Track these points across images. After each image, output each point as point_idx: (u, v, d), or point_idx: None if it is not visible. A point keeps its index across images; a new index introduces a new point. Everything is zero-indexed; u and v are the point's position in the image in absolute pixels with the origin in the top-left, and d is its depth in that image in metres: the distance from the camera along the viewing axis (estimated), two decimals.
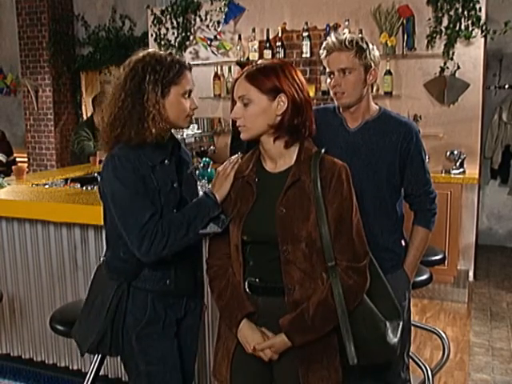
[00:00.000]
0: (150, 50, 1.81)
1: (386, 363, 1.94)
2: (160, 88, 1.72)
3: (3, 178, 3.44)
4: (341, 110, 2.10)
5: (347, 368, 1.72)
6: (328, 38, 2.05)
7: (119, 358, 1.96)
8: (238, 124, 1.63)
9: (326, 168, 1.59)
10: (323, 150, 1.64)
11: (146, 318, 1.82)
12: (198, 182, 3.06)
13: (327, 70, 2.04)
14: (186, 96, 1.78)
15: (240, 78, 1.62)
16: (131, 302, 1.82)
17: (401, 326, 1.72)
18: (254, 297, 1.66)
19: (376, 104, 2.13)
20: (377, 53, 2.05)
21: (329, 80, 2.04)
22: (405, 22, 4.56)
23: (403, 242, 2.19)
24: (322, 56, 2.05)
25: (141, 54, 1.78)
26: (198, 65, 5.32)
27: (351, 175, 1.64)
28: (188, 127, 1.88)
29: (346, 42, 1.97)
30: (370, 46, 2.03)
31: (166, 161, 1.80)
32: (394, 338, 1.67)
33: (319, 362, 1.61)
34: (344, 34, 2.05)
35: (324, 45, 2.04)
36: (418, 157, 2.06)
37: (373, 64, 2.02)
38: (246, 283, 1.67)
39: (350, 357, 1.58)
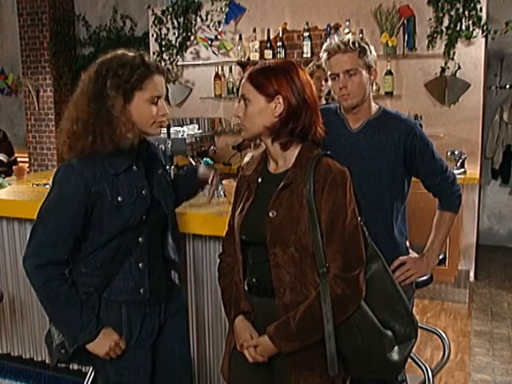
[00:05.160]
0: (119, 51, 1.73)
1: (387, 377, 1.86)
2: (122, 93, 1.64)
3: (4, 178, 3.44)
4: (342, 110, 2.11)
5: (353, 379, 1.71)
6: (329, 39, 2.04)
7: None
8: (238, 122, 1.63)
9: (321, 172, 1.54)
10: (328, 153, 1.60)
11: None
12: None
13: (329, 72, 2.02)
14: (154, 102, 1.69)
15: (244, 77, 1.61)
16: (105, 314, 1.75)
17: (413, 343, 1.63)
18: (250, 296, 1.66)
19: (376, 104, 2.13)
20: (375, 53, 2.06)
21: (331, 82, 2.03)
22: (405, 22, 4.55)
23: (408, 243, 2.19)
24: (323, 58, 2.03)
25: (109, 55, 1.71)
26: (198, 65, 5.33)
27: (356, 176, 1.61)
28: (159, 134, 1.78)
29: (350, 44, 1.96)
30: (370, 46, 2.04)
31: (134, 167, 1.73)
32: (397, 355, 1.58)
33: (311, 370, 1.57)
34: (342, 35, 2.05)
35: (325, 47, 2.02)
36: (425, 149, 2.06)
37: (373, 64, 2.03)
38: (246, 282, 1.68)
39: (329, 365, 1.52)
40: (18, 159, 5.71)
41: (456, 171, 4.41)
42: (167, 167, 1.97)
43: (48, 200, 1.69)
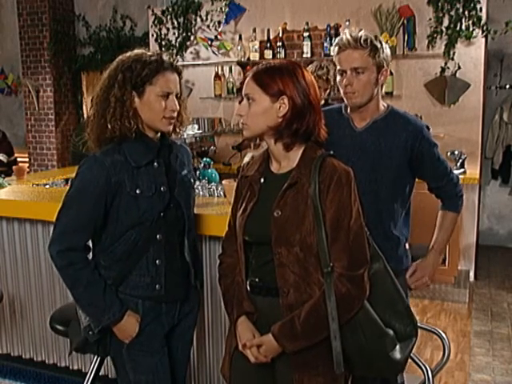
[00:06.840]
0: (139, 50, 1.79)
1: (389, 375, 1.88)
2: (130, 86, 1.70)
3: (4, 178, 3.44)
4: (348, 109, 2.07)
5: (355, 378, 1.72)
6: (342, 34, 2.00)
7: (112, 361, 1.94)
8: (240, 121, 1.63)
9: (326, 172, 1.54)
10: (331, 153, 1.60)
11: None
12: (198, 182, 3.08)
13: (338, 67, 1.98)
14: (165, 97, 1.74)
15: (248, 76, 1.61)
16: None
17: (413, 342, 1.64)
18: (253, 296, 1.66)
19: (384, 103, 2.09)
20: (389, 52, 2.01)
21: (339, 78, 1.99)
22: (405, 22, 4.56)
23: (407, 245, 2.19)
24: (334, 53, 1.99)
25: (128, 53, 1.77)
26: (198, 65, 5.34)
27: (358, 176, 1.61)
28: (169, 131, 1.82)
29: (361, 40, 1.92)
30: (384, 44, 1.99)
31: (155, 163, 1.78)
32: (399, 354, 1.59)
33: (314, 369, 1.58)
34: (355, 30, 2.00)
35: (337, 41, 1.98)
36: (432, 153, 2.04)
37: (385, 64, 1.98)
38: (248, 282, 1.68)
39: (335, 364, 1.52)
40: (18, 159, 5.71)
41: (456, 171, 4.40)
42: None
43: (71, 189, 1.76)
